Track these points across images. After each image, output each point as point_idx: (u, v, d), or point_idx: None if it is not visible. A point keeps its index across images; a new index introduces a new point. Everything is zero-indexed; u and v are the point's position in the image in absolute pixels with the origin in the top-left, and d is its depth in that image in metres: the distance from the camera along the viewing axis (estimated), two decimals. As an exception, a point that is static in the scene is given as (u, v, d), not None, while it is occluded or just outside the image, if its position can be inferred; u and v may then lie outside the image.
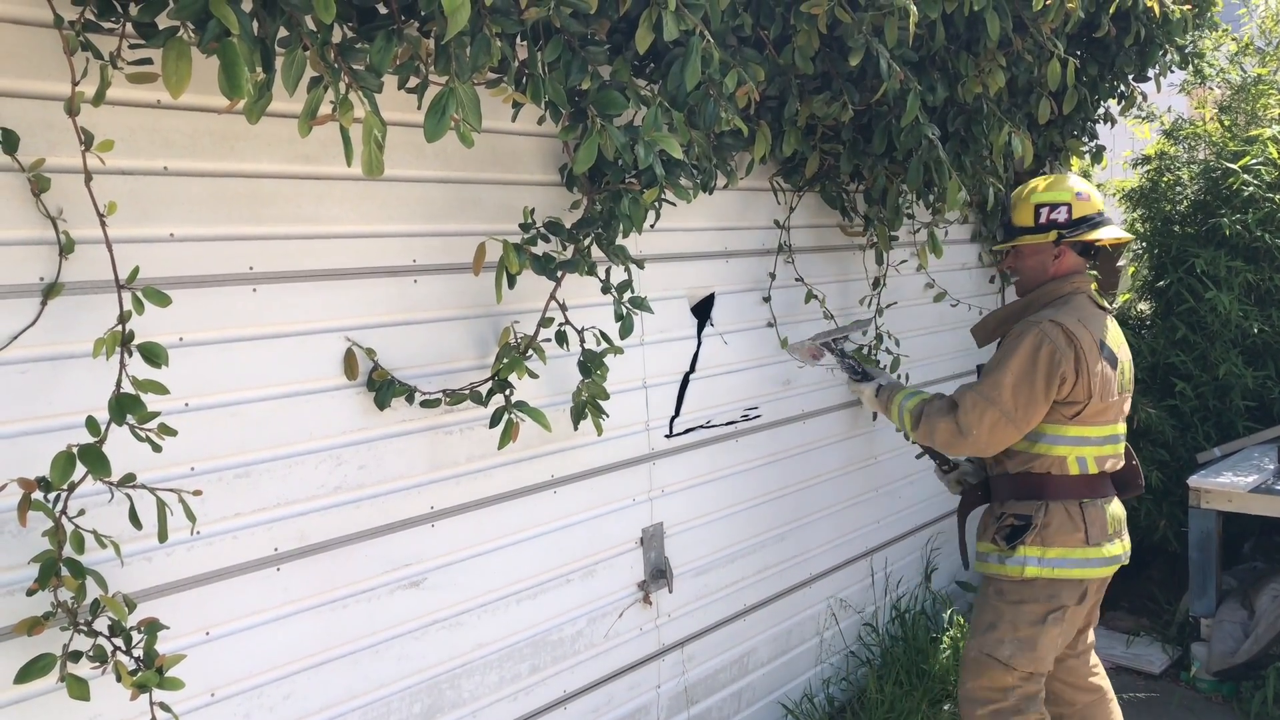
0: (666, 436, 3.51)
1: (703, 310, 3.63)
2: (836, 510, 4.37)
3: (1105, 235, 3.31)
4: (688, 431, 3.59)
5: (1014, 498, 3.33)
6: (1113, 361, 3.23)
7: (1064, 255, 3.34)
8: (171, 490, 2.06)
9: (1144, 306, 5.98)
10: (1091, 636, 3.57)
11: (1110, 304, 3.45)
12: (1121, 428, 3.35)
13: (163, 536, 2.04)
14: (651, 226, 3.10)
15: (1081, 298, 3.30)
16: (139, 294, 2.00)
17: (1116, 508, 3.35)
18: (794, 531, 4.13)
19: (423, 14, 2.13)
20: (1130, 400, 3.40)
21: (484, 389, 2.73)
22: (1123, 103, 4.78)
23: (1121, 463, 3.39)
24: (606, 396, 2.93)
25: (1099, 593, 3.41)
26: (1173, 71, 4.72)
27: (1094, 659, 3.60)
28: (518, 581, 3.04)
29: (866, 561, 4.59)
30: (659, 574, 3.47)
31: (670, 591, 3.52)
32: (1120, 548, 3.32)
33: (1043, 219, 3.31)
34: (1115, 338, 3.31)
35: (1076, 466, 3.24)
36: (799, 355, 3.79)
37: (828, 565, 4.34)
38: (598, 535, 3.28)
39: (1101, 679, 3.60)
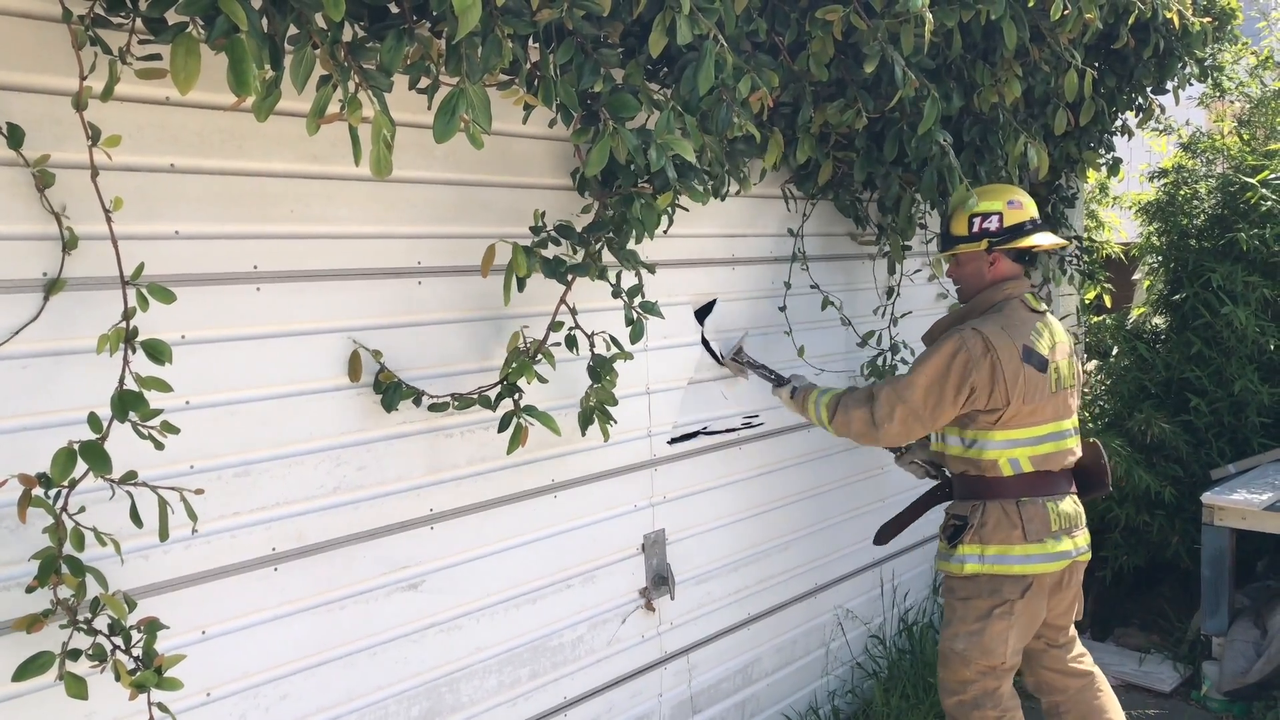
0: (669, 442, 3.49)
1: (703, 315, 3.60)
2: (842, 520, 4.34)
3: (1036, 241, 3.46)
4: (690, 437, 3.57)
5: (958, 498, 3.51)
6: (1041, 365, 3.33)
7: (998, 262, 3.48)
8: (173, 488, 2.05)
9: (1159, 320, 5.93)
10: (1073, 631, 3.65)
11: (1048, 305, 3.54)
12: (1066, 424, 3.45)
13: (163, 535, 2.03)
14: (665, 232, 3.07)
15: (1014, 303, 3.42)
16: (143, 290, 1.99)
17: (1066, 505, 3.42)
18: (799, 541, 4.10)
19: (434, 14, 2.12)
20: (1077, 395, 3.53)
21: (492, 393, 2.71)
22: (1140, 115, 4.74)
23: (1073, 458, 3.47)
24: (615, 402, 2.91)
25: (1064, 590, 3.47)
26: (1191, 84, 4.68)
27: (1078, 648, 3.67)
28: (517, 586, 3.02)
29: (874, 572, 4.56)
30: (661, 581, 3.45)
31: (673, 599, 3.49)
32: (1070, 544, 3.39)
33: (975, 228, 3.45)
34: (1046, 340, 3.39)
35: (1009, 468, 3.36)
36: (734, 373, 3.78)
37: (834, 575, 4.32)
38: (598, 541, 3.26)
39: (1089, 664, 3.67)
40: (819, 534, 4.20)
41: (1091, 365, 6.22)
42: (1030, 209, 3.48)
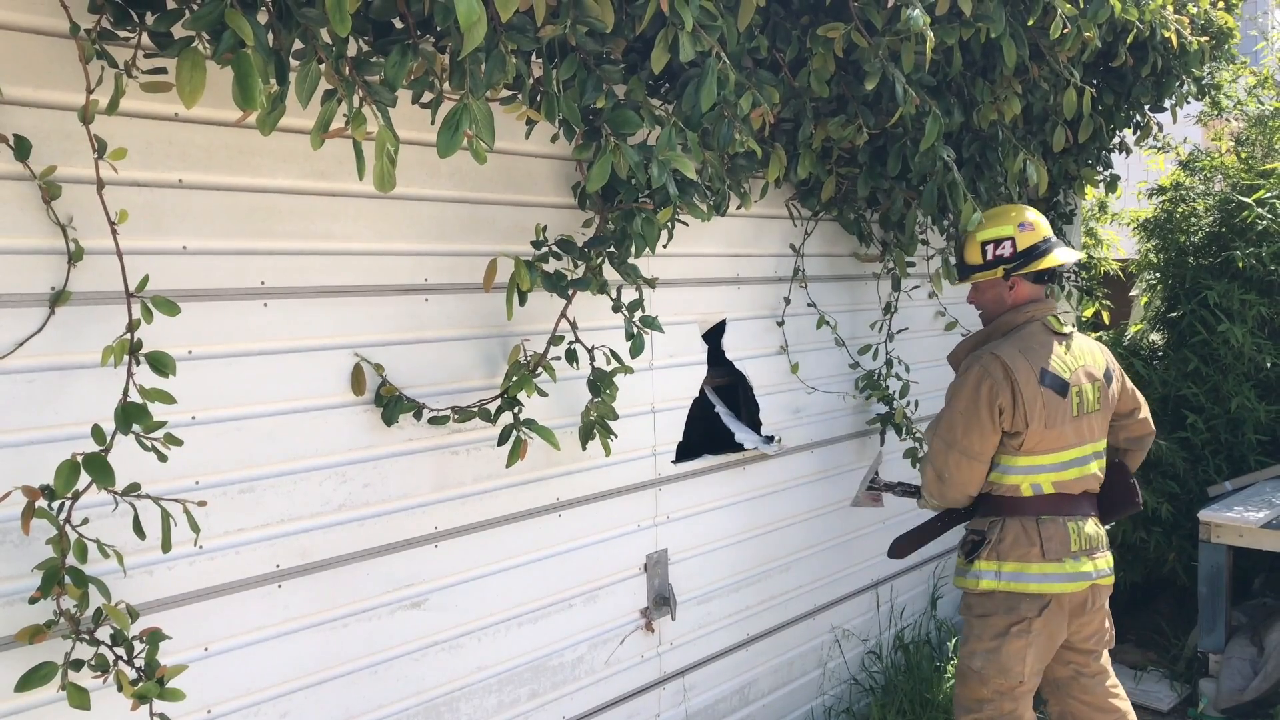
0: (673, 462, 3.48)
1: (714, 337, 3.61)
2: (843, 541, 4.33)
3: (1059, 258, 3.41)
4: (695, 457, 3.57)
5: (979, 515, 3.48)
6: (1060, 388, 3.29)
7: (1017, 286, 3.45)
8: (176, 500, 2.04)
9: (1156, 337, 5.94)
10: (1105, 658, 3.58)
11: (1070, 326, 3.49)
12: (1089, 448, 3.40)
13: (166, 547, 2.02)
14: (664, 247, 3.08)
15: (1034, 326, 3.39)
16: (148, 302, 1.99)
17: (1088, 526, 3.37)
18: (800, 561, 4.09)
19: (438, 29, 2.13)
20: (1107, 419, 3.47)
21: (492, 406, 2.70)
22: (1138, 132, 4.76)
23: (1096, 483, 3.43)
24: (615, 416, 2.90)
25: (1088, 614, 3.42)
26: (1189, 103, 4.71)
27: (1112, 680, 3.60)
28: (520, 605, 3.00)
29: (872, 593, 4.54)
30: (662, 601, 3.43)
31: (673, 619, 3.47)
32: (1090, 565, 3.34)
33: (989, 255, 3.43)
34: (1066, 364, 3.35)
35: (1030, 491, 3.34)
36: (867, 507, 3.99)
37: (833, 596, 4.30)
38: (601, 560, 3.25)
39: (1121, 700, 3.60)
40: (819, 554, 4.19)
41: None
42: (1043, 228, 3.43)
